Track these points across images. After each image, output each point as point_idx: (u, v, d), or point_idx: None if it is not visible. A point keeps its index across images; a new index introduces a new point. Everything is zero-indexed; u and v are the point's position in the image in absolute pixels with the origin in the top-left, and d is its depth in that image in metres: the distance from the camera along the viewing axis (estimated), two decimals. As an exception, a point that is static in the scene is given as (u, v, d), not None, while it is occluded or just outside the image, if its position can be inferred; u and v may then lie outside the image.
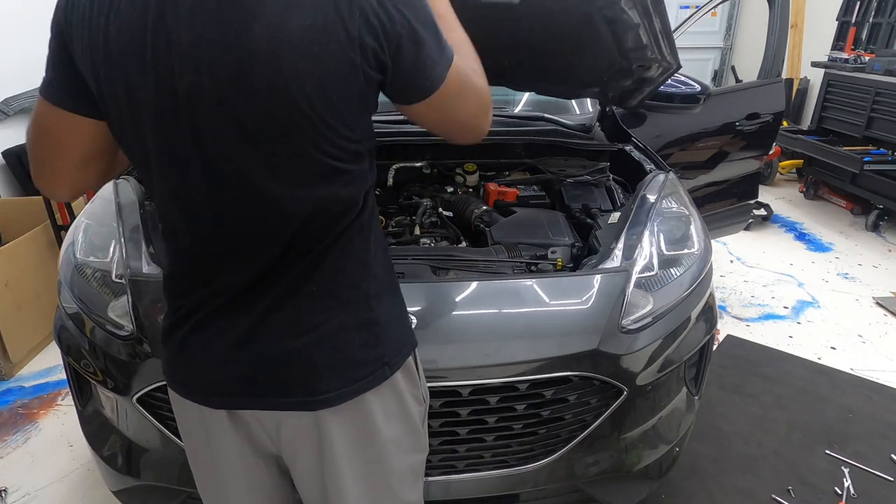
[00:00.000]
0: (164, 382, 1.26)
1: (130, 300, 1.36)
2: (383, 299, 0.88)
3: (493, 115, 0.87)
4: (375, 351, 0.85)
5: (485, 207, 1.87)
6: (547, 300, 1.38)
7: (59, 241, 2.86)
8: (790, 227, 4.24)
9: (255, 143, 0.72)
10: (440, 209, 1.93)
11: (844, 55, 4.46)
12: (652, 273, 1.47)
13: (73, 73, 0.74)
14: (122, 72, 0.70)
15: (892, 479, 1.93)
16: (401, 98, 0.78)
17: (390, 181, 2.06)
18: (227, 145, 0.72)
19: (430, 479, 1.35)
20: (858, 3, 4.59)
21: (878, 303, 3.15)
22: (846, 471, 1.96)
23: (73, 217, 2.82)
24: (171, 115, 0.71)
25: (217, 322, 0.83)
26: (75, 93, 0.75)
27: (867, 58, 4.24)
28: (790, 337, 2.83)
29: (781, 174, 5.11)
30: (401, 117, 1.94)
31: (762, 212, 4.26)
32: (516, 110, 2.38)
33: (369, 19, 0.68)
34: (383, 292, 0.88)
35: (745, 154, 2.81)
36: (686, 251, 1.56)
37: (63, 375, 1.88)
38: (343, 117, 0.73)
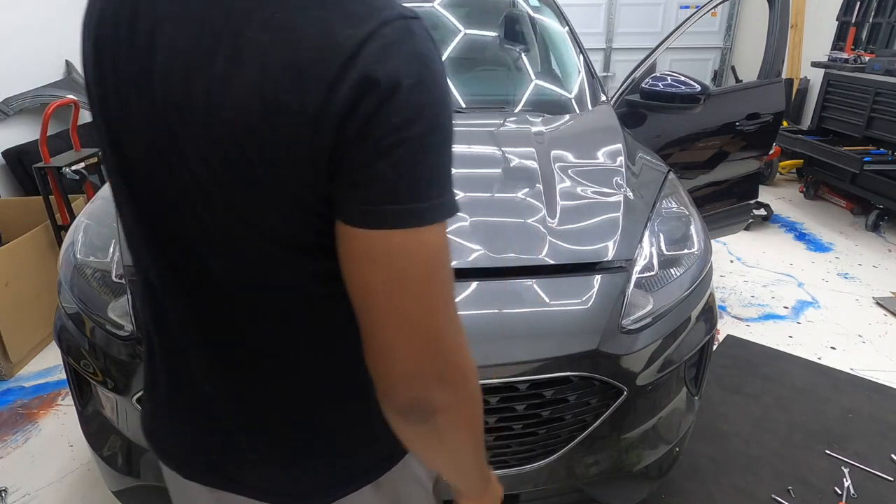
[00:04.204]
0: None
1: (130, 300, 1.36)
2: None
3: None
4: (373, 447, 0.72)
5: None
6: (547, 300, 1.37)
7: (59, 241, 2.86)
8: (790, 227, 4.24)
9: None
10: None
11: (844, 55, 4.46)
12: (652, 273, 1.47)
13: None
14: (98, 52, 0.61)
15: (892, 479, 1.93)
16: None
17: None
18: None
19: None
20: (858, 3, 4.59)
21: (878, 303, 3.14)
22: (846, 471, 1.96)
23: (73, 217, 2.83)
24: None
25: (192, 402, 0.74)
26: None
27: (867, 58, 4.25)
28: (790, 337, 2.83)
29: (781, 174, 5.11)
30: None
31: (762, 212, 4.26)
32: (516, 109, 2.36)
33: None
34: None
35: (745, 154, 2.81)
36: (686, 251, 1.56)
37: (63, 375, 1.88)
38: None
